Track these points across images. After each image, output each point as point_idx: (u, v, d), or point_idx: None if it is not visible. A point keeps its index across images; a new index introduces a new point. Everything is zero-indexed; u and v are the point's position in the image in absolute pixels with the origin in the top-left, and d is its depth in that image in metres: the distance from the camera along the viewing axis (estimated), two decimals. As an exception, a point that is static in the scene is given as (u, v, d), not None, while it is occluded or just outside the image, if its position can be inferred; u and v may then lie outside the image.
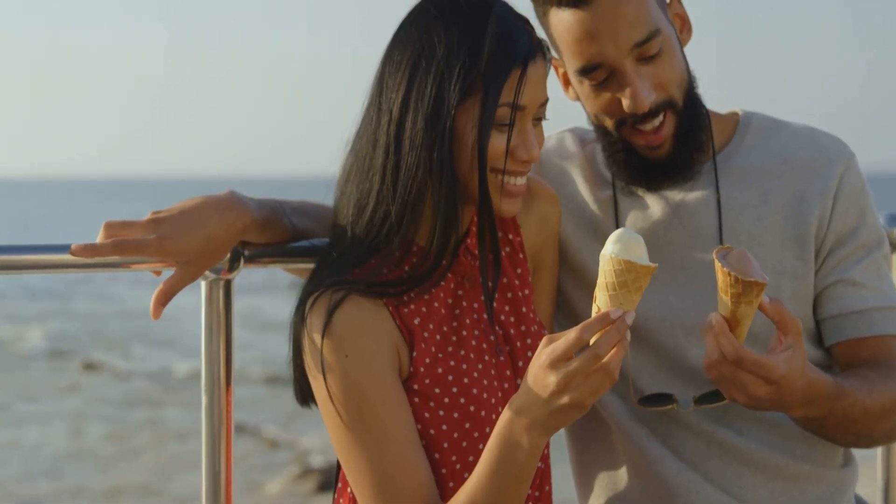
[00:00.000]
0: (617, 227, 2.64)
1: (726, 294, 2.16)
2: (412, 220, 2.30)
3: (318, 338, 2.26)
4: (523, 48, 2.29)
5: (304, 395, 2.38)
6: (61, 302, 30.13)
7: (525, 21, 2.36)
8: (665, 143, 2.56)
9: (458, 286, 2.41)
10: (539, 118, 2.35)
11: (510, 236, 2.52)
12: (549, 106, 2.37)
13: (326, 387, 2.26)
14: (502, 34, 2.27)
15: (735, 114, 2.72)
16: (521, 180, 2.34)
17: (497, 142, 2.29)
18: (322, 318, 2.26)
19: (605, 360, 2.06)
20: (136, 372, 20.24)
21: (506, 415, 2.16)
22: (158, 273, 2.44)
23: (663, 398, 2.59)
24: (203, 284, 2.50)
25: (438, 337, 2.34)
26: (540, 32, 2.44)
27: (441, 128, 2.25)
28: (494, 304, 2.44)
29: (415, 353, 2.30)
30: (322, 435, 14.11)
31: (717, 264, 2.16)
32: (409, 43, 2.31)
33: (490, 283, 2.38)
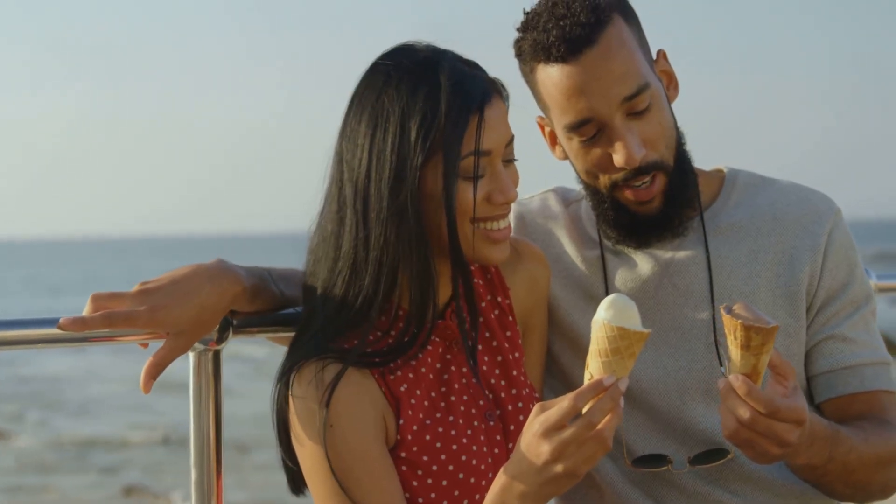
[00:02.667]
0: (606, 286, 2.61)
1: (747, 349, 2.11)
2: (389, 288, 2.26)
3: (304, 408, 2.22)
4: (477, 94, 2.25)
5: (297, 483, 2.34)
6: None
7: (474, 65, 2.32)
8: (655, 198, 2.53)
9: (447, 350, 2.37)
10: (510, 159, 2.31)
11: (499, 298, 2.48)
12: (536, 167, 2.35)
13: (313, 457, 2.22)
14: (453, 85, 2.23)
15: (720, 171, 2.71)
16: (503, 223, 2.32)
17: (470, 193, 2.25)
18: (308, 388, 2.22)
19: (599, 427, 2.03)
20: (30, 438, 19.85)
21: (497, 484, 2.12)
22: (146, 346, 2.37)
23: (657, 459, 2.55)
24: (191, 356, 2.43)
25: (426, 403, 2.30)
26: (510, 82, 2.42)
27: (406, 193, 2.22)
28: (485, 368, 2.40)
29: (401, 421, 2.26)
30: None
31: (736, 322, 2.10)
32: (362, 115, 2.27)
33: (470, 341, 2.34)
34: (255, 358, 24.52)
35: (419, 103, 2.22)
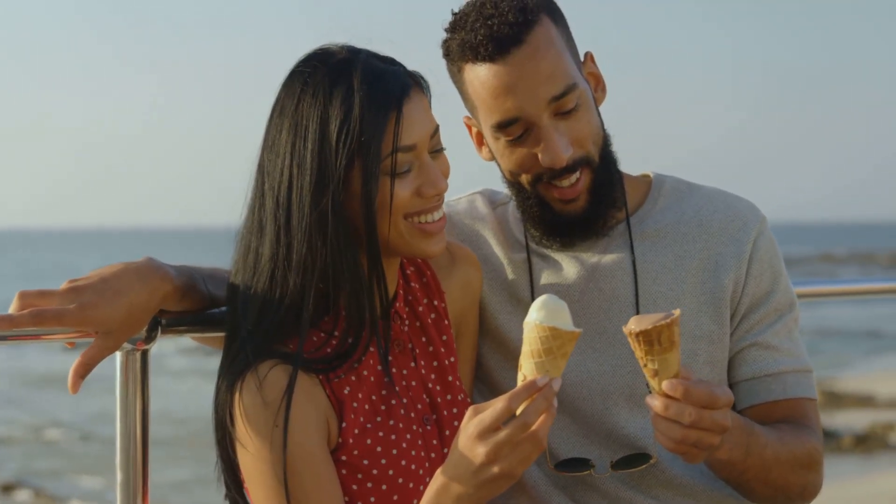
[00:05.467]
0: (532, 289, 2.61)
1: (672, 346, 2.10)
2: (325, 291, 2.25)
3: (251, 411, 2.19)
4: (395, 90, 2.24)
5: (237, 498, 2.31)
6: None
7: (391, 61, 2.31)
8: (580, 196, 2.54)
9: (388, 352, 2.35)
10: (438, 149, 2.31)
11: (435, 302, 2.47)
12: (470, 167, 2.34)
13: (257, 460, 2.18)
14: (368, 85, 2.23)
15: (647, 176, 2.72)
16: (437, 214, 2.31)
17: (400, 189, 2.25)
18: (257, 393, 2.19)
19: (534, 428, 2.03)
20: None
21: (433, 487, 2.12)
22: (72, 345, 2.32)
23: (580, 463, 2.56)
24: (118, 355, 2.39)
25: (367, 406, 2.29)
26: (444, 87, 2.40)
27: (328, 198, 2.21)
28: (422, 371, 2.39)
29: (344, 424, 2.25)
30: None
31: (660, 326, 2.09)
32: (282, 124, 2.25)
33: (383, 342, 2.34)
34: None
35: (336, 108, 2.21)
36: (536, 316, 2.06)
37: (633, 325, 2.11)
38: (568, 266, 2.61)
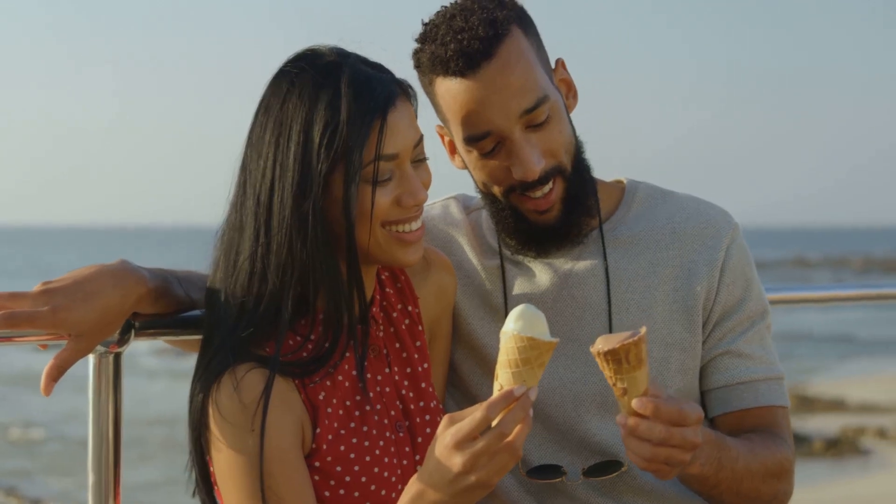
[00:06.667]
0: (505, 296, 2.61)
1: (640, 363, 2.10)
2: (303, 294, 2.24)
3: (228, 413, 2.18)
4: (380, 98, 2.23)
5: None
6: None
7: (380, 68, 2.30)
8: (553, 207, 2.54)
9: (364, 357, 2.35)
10: (420, 159, 2.30)
11: (409, 308, 2.47)
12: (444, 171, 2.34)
13: (231, 462, 2.18)
14: (355, 91, 2.22)
15: (620, 182, 2.72)
16: (415, 225, 2.30)
17: (380, 197, 2.24)
18: (233, 395, 2.18)
19: (510, 438, 2.03)
20: None
21: (408, 494, 2.12)
22: (45, 347, 2.31)
23: (552, 470, 2.57)
24: (91, 358, 2.38)
25: (341, 412, 2.29)
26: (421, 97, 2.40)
27: (310, 202, 2.20)
28: (396, 378, 2.39)
29: (318, 430, 2.24)
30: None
31: (627, 344, 2.07)
32: (267, 123, 2.25)
33: (360, 348, 2.33)
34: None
35: (321, 111, 2.20)
36: (514, 326, 2.06)
37: (601, 344, 2.10)
38: (541, 273, 2.62)
